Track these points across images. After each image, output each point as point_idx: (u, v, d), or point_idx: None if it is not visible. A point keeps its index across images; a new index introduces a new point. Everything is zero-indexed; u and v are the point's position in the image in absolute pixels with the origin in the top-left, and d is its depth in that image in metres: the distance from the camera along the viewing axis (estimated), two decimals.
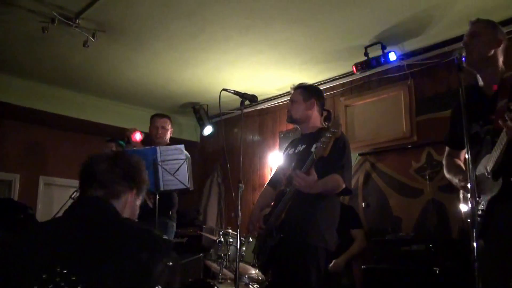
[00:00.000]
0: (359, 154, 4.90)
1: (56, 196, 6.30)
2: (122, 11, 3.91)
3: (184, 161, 3.58)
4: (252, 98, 3.16)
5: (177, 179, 3.59)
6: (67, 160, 6.26)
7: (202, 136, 6.46)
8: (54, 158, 6.28)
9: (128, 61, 4.91)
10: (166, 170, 3.58)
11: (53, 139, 6.30)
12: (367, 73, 4.90)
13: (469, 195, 1.95)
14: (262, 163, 5.93)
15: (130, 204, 1.59)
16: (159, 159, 3.56)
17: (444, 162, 2.56)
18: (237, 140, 6.07)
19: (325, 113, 3.21)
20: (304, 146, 2.99)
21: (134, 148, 3.83)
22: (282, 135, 5.79)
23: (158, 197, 3.58)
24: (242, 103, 3.27)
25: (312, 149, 2.75)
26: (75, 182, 5.72)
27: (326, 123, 3.16)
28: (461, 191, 2.36)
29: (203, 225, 5.92)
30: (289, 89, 5.36)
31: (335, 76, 5.24)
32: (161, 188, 3.57)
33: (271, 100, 5.96)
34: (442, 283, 3.25)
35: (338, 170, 2.76)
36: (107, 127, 6.15)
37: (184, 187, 3.60)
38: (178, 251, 3.55)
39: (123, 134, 4.17)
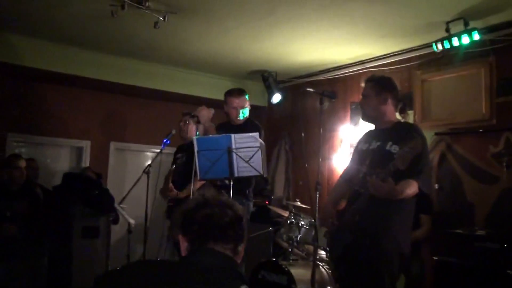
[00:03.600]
0: (435, 134, 5.00)
1: (126, 160, 6.88)
2: None
3: (259, 149, 3.75)
4: (332, 95, 3.28)
5: (251, 166, 3.82)
6: (136, 126, 6.77)
7: (269, 102, 6.66)
8: (124, 125, 6.76)
9: (198, 36, 5.16)
10: (240, 157, 3.79)
11: (122, 107, 6.75)
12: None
13: None
14: (332, 135, 6.11)
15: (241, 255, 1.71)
16: (233, 146, 3.75)
17: None
18: (306, 109, 6.32)
19: (400, 105, 3.23)
20: (378, 144, 3.07)
21: (210, 136, 4.08)
22: (353, 106, 5.91)
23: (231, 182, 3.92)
24: (321, 101, 3.42)
25: (388, 147, 2.92)
26: (144, 147, 6.17)
27: (402, 115, 3.27)
28: None
29: (271, 195, 6.27)
30: (361, 58, 5.67)
31: (412, 47, 5.27)
32: (236, 175, 3.77)
33: (342, 68, 6.05)
34: None
35: (415, 175, 2.82)
36: (175, 95, 6.56)
37: (258, 173, 3.82)
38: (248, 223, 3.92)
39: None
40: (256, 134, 3.76)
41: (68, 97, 6.32)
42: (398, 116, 3.23)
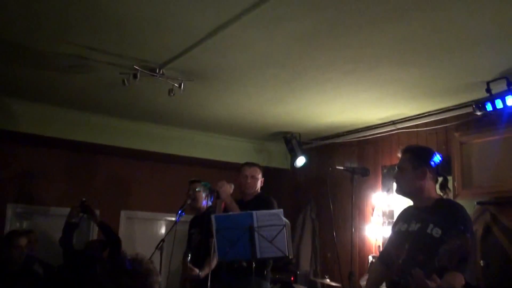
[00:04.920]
0: (477, 203, 4.68)
1: (139, 229, 6.71)
2: (213, 61, 4.01)
3: (283, 227, 3.60)
4: (364, 172, 3.12)
5: (275, 246, 3.64)
6: (149, 192, 6.64)
7: (293, 165, 6.50)
8: (136, 192, 6.62)
9: (217, 101, 5.10)
10: (263, 236, 3.63)
11: (133, 172, 6.63)
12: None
13: None
14: (362, 202, 5.84)
15: None
16: (255, 224, 3.60)
17: None
18: (333, 171, 6.07)
19: (440, 179, 3.03)
20: (419, 226, 2.87)
21: (230, 213, 3.92)
22: (385, 171, 5.67)
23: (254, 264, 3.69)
24: (352, 179, 3.25)
25: (429, 231, 2.70)
26: (157, 215, 5.90)
27: (443, 192, 3.06)
28: None
29: (297, 270, 5.98)
30: (393, 119, 5.45)
31: (448, 107, 5.05)
32: (258, 256, 3.62)
33: (372, 128, 5.88)
34: None
35: (459, 266, 2.54)
36: (192, 159, 6.45)
37: (283, 254, 3.63)
38: None
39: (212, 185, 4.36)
40: (281, 211, 3.63)
41: (75, 164, 6.25)
42: (438, 191, 3.00)
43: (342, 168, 3.33)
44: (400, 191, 3.04)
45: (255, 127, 6.13)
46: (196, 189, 4.77)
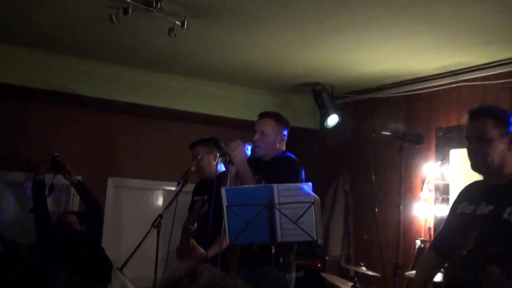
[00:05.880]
0: None
1: (129, 201, 6.78)
2: None
3: (311, 205, 3.54)
4: (417, 140, 3.01)
5: (301, 228, 3.57)
6: (142, 156, 6.66)
7: (323, 124, 6.46)
8: (126, 154, 6.62)
9: (230, 44, 5.07)
10: (285, 215, 3.57)
11: (124, 131, 6.61)
12: None
13: None
14: (409, 173, 5.78)
15: None
16: (276, 200, 3.55)
17: None
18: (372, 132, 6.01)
19: None
20: (491, 208, 2.86)
21: (244, 186, 3.84)
22: (440, 134, 5.59)
23: (274, 249, 3.63)
24: (401, 147, 3.15)
25: (507, 216, 2.69)
26: (153, 184, 6.10)
27: None
28: None
29: (325, 255, 6.03)
30: (453, 68, 5.32)
31: None
32: (279, 239, 3.59)
33: (425, 81, 5.78)
34: None
35: None
36: (197, 115, 6.46)
37: (310, 239, 3.58)
38: None
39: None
40: (309, 185, 3.57)
41: (50, 119, 6.20)
42: None
43: (389, 133, 3.20)
44: (483, 166, 2.96)
45: (276, 76, 6.11)
46: (198, 156, 4.77)
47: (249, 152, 4.01)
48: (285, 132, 4.22)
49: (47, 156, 5.40)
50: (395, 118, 6.12)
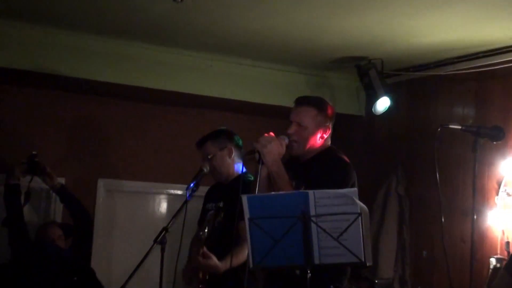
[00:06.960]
0: None
1: (125, 208, 6.88)
2: None
3: (358, 217, 3.52)
4: (496, 135, 2.95)
5: (344, 246, 3.54)
6: (140, 153, 6.77)
7: (370, 109, 6.48)
8: (120, 151, 6.71)
9: (252, 11, 5.14)
10: (324, 230, 3.55)
11: (118, 121, 6.70)
12: None
13: None
14: (481, 172, 5.64)
15: None
16: (312, 211, 3.54)
17: None
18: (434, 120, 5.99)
19: None
20: None
21: (272, 193, 3.78)
22: None
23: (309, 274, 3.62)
24: (474, 145, 3.10)
25: None
26: (154, 187, 6.32)
27: None
28: None
29: (374, 278, 6.02)
30: None
31: None
32: (316, 261, 3.58)
33: (501, 53, 5.74)
34: None
35: None
36: (207, 99, 6.50)
37: (356, 260, 3.55)
38: None
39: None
40: (354, 191, 3.53)
41: (29, 105, 6.28)
42: None
43: (459, 127, 3.15)
44: None
45: (310, 50, 6.14)
46: (209, 155, 4.78)
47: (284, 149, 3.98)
48: (330, 123, 4.16)
49: (22, 154, 5.41)
50: (462, 101, 6.10)
